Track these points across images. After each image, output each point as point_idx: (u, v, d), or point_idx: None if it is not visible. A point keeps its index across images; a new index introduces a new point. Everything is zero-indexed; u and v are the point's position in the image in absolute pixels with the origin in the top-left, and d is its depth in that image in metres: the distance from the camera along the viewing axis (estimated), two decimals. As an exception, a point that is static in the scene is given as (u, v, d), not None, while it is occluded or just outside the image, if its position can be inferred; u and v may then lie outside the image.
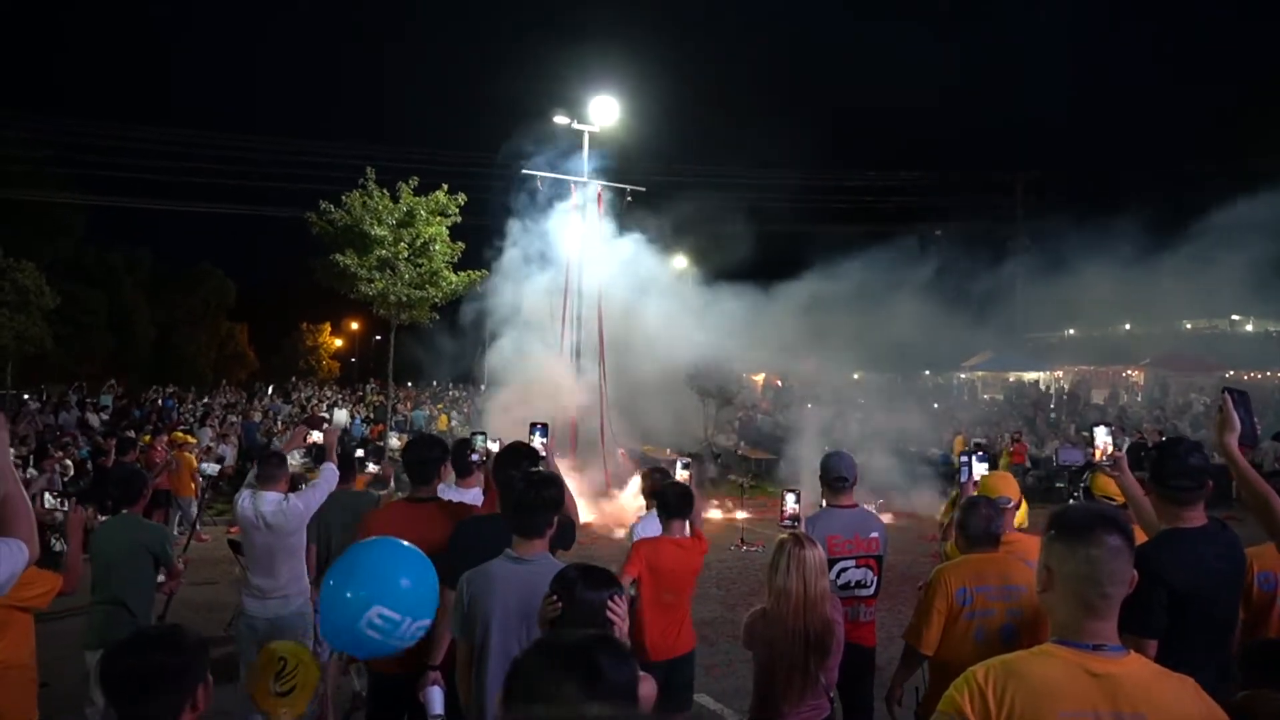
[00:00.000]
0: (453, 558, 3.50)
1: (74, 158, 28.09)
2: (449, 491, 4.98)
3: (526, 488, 3.00)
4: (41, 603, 3.33)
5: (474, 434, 4.73)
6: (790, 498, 3.97)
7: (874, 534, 4.26)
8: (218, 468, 9.22)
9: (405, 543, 3.18)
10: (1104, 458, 3.46)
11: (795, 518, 3.92)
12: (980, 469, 4.61)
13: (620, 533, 10.99)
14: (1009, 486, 4.41)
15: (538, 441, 4.09)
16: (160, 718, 1.88)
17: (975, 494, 4.24)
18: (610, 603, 2.39)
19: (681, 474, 4.86)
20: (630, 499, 12.21)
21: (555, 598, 2.41)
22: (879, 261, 16.88)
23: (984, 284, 18.70)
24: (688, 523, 4.30)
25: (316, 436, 5.12)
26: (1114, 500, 3.91)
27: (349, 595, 2.91)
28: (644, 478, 4.76)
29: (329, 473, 4.82)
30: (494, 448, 4.09)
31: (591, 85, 18.73)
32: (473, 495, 4.02)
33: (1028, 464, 16.56)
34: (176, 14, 62.01)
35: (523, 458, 3.63)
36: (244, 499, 4.88)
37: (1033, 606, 3.21)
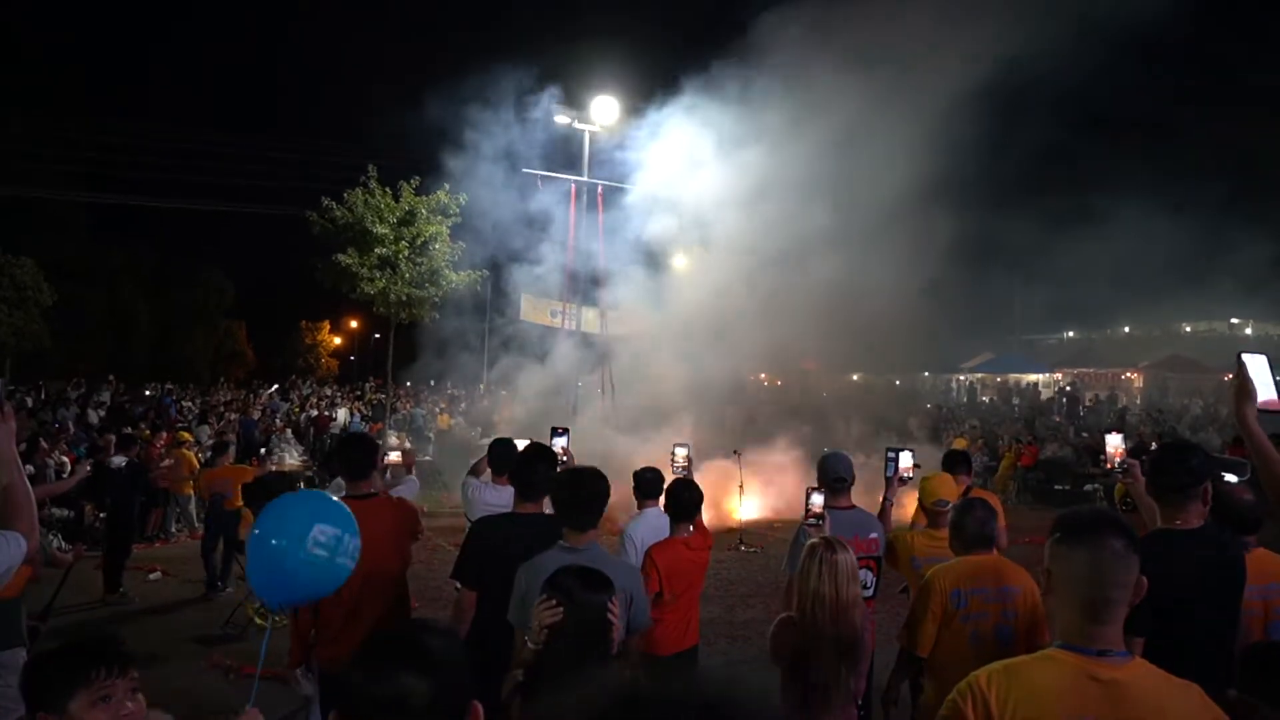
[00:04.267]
0: (470, 555, 3.59)
1: (75, 155, 28.11)
2: (486, 489, 5.04)
3: (579, 483, 3.11)
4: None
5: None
6: (816, 496, 3.94)
7: (873, 534, 4.26)
8: (124, 461, 9.24)
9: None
10: (1116, 465, 3.46)
11: (819, 516, 3.88)
12: (906, 461, 4.65)
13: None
14: (946, 488, 4.45)
15: (558, 445, 4.17)
16: None
17: (950, 499, 4.28)
18: (609, 605, 2.38)
19: (680, 452, 4.87)
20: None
21: (554, 601, 2.40)
22: (880, 261, 16.82)
23: (983, 284, 18.70)
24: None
25: (394, 456, 5.20)
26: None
27: (288, 524, 2.93)
28: (635, 477, 4.74)
29: (411, 484, 4.88)
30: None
31: (593, 84, 18.71)
32: (508, 494, 4.05)
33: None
34: (179, 11, 61.95)
35: (538, 459, 3.70)
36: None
37: (1029, 609, 3.21)
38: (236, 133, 42.92)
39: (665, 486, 4.43)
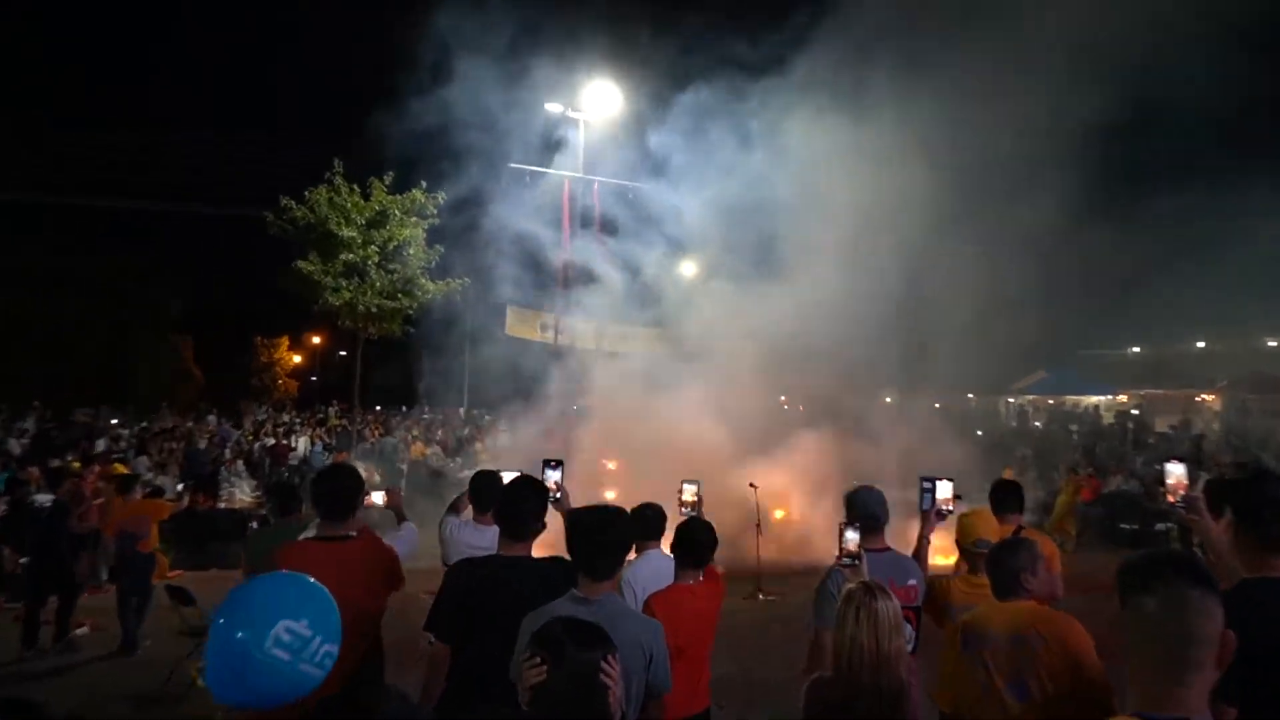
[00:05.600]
0: (446, 604, 3.56)
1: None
2: (466, 528, 5.05)
3: (597, 525, 3.12)
4: None
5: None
6: (850, 533, 3.90)
7: (911, 581, 4.22)
8: (49, 499, 9.19)
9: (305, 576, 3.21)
10: (1178, 499, 3.40)
11: (855, 555, 3.84)
12: (945, 491, 4.61)
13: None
14: (987, 526, 4.43)
15: (551, 479, 4.18)
16: None
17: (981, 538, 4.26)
18: (604, 664, 2.34)
19: (689, 488, 4.87)
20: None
21: (538, 659, 2.35)
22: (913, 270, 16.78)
23: (1034, 294, 18.60)
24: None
25: (377, 498, 5.16)
26: None
27: (248, 618, 2.90)
28: (634, 514, 4.71)
29: (408, 535, 4.83)
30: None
31: (588, 69, 18.82)
32: (492, 535, 4.04)
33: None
34: (118, -12, 62.22)
35: (528, 495, 3.70)
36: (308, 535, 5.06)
37: (1060, 666, 3.16)
38: (182, 122, 43.22)
39: (677, 526, 4.39)
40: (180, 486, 12.64)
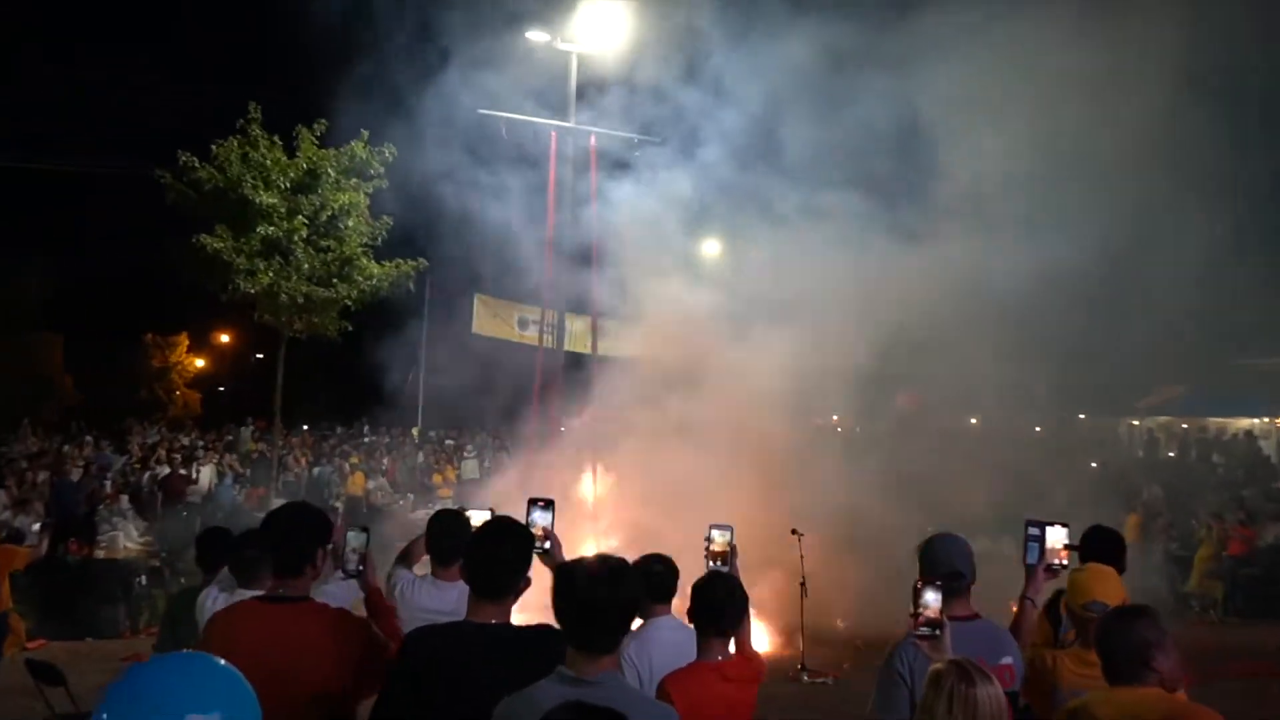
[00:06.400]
0: (399, 685, 3.56)
1: None
2: (423, 586, 5.08)
3: (596, 584, 3.13)
4: None
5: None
6: (931, 594, 3.91)
7: (1006, 659, 4.24)
8: None
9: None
10: None
11: (936, 624, 3.85)
12: (1057, 539, 4.64)
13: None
14: (1105, 586, 4.41)
15: (538, 523, 4.23)
16: None
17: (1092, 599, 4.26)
18: None
19: (719, 537, 4.87)
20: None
21: None
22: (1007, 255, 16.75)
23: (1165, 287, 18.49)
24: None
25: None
26: None
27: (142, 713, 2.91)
28: (639, 571, 4.73)
29: (341, 587, 4.86)
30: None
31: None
32: (456, 595, 4.04)
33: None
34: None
35: (505, 541, 3.70)
36: (214, 599, 5.14)
37: None
38: (52, 51, 43.38)
39: (694, 585, 4.41)
40: (38, 527, 12.55)
